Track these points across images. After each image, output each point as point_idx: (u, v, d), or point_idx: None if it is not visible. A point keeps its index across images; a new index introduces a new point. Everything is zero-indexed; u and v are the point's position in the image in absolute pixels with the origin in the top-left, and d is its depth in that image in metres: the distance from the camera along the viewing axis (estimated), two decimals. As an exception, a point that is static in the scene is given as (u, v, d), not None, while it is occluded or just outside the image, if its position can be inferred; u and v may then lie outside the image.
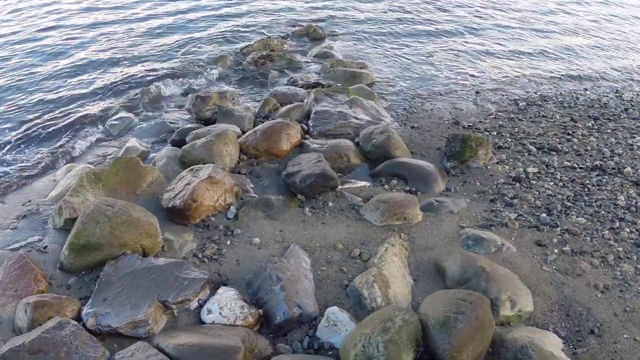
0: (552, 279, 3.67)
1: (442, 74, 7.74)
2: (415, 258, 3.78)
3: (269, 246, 3.81)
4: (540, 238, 4.10)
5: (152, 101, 6.55)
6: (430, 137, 5.70)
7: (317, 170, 4.32)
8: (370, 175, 4.81)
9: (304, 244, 3.83)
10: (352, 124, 5.43)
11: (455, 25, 10.02)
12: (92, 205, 3.77)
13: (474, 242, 3.94)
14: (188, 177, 4.36)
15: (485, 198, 4.62)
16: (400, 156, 4.93)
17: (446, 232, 4.08)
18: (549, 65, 8.55)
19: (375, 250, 3.71)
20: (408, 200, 4.15)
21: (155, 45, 8.37)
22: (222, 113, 5.53)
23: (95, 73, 7.30)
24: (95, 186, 4.41)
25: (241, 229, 4.01)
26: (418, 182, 4.65)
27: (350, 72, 6.98)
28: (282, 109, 5.84)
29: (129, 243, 3.65)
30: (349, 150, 4.93)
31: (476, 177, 4.92)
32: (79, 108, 6.35)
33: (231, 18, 9.84)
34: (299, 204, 4.30)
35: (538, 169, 5.17)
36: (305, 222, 4.08)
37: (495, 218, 4.33)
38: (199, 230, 4.04)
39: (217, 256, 3.75)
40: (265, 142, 4.92)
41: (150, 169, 4.64)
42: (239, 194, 4.45)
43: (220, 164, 4.70)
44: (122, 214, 3.71)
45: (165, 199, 4.24)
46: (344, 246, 3.81)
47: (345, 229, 4.01)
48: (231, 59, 7.72)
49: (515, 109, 6.70)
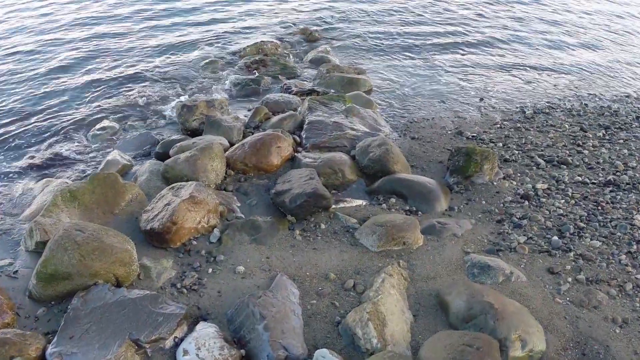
0: (566, 313, 3.33)
1: (444, 80, 7.38)
2: (415, 289, 3.43)
3: (254, 275, 3.47)
4: (553, 265, 3.75)
5: (137, 110, 6.20)
6: (431, 148, 5.35)
7: (308, 189, 3.97)
8: (367, 193, 4.46)
9: (292, 272, 3.49)
10: (348, 136, 5.08)
11: (458, 30, 9.66)
12: (62, 229, 3.47)
13: (480, 271, 3.59)
14: (168, 196, 4.02)
15: (491, 218, 4.27)
16: (399, 171, 4.58)
17: (449, 259, 3.73)
18: (555, 70, 8.19)
19: (371, 281, 3.36)
20: (408, 223, 3.80)
21: (141, 49, 8.01)
22: (210, 123, 5.18)
23: (77, 78, 6.95)
24: (70, 205, 4.10)
25: (225, 254, 3.66)
26: (419, 200, 4.30)
27: (347, 78, 6.63)
28: (274, 118, 5.49)
29: (100, 272, 3.34)
30: (344, 165, 4.58)
31: (481, 195, 4.57)
32: (59, 116, 6.01)
33: (223, 21, 9.47)
34: (289, 225, 3.95)
35: (548, 184, 4.82)
36: (295, 247, 3.73)
37: (503, 242, 3.98)
38: (179, 256, 3.70)
39: (197, 286, 3.41)
40: (254, 156, 4.57)
41: (129, 185, 4.31)
42: (224, 214, 4.11)
43: (204, 180, 4.36)
44: (93, 240, 3.39)
45: (143, 220, 3.90)
46: (336, 276, 3.46)
47: (339, 256, 3.66)
48: (222, 64, 7.37)
49: (522, 118, 6.34)
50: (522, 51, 8.82)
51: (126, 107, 6.22)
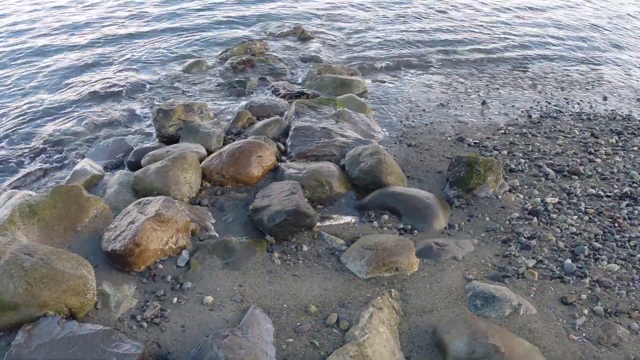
0: (582, 353, 2.88)
1: (443, 81, 6.93)
2: (409, 325, 2.98)
3: (224, 307, 3.02)
4: (566, 294, 3.30)
5: (111, 114, 5.74)
6: (430, 157, 4.89)
7: (289, 206, 3.52)
8: (357, 208, 4.01)
9: (268, 304, 3.04)
10: (338, 143, 4.63)
11: (457, 28, 9.21)
12: (8, 253, 3.04)
13: (484, 302, 3.14)
14: (134, 212, 3.58)
15: (496, 238, 3.82)
16: (393, 183, 4.13)
17: (449, 287, 3.28)
18: (562, 70, 7.73)
19: (357, 316, 2.91)
20: (401, 245, 3.35)
21: (121, 49, 7.56)
22: (187, 129, 4.74)
23: (50, 79, 6.52)
24: (29, 222, 3.69)
25: (193, 281, 3.22)
26: (414, 217, 3.84)
27: (339, 80, 6.17)
28: (257, 124, 5.04)
29: (49, 303, 2.92)
30: (332, 176, 4.13)
31: (485, 210, 4.12)
32: (27, 120, 5.57)
33: (208, 19, 9.00)
34: (267, 247, 3.50)
35: (558, 198, 4.36)
36: (272, 274, 3.28)
37: (510, 266, 3.53)
38: (142, 281, 3.26)
39: (159, 319, 2.97)
40: (232, 167, 4.12)
41: (94, 200, 3.87)
42: (197, 233, 3.66)
43: (176, 194, 3.92)
44: (42, 266, 2.97)
45: (105, 239, 3.47)
46: (317, 309, 3.01)
47: (322, 284, 3.21)
48: (207, 65, 6.92)
49: (528, 122, 5.88)
50: (524, 52, 8.36)
51: (99, 111, 5.77)
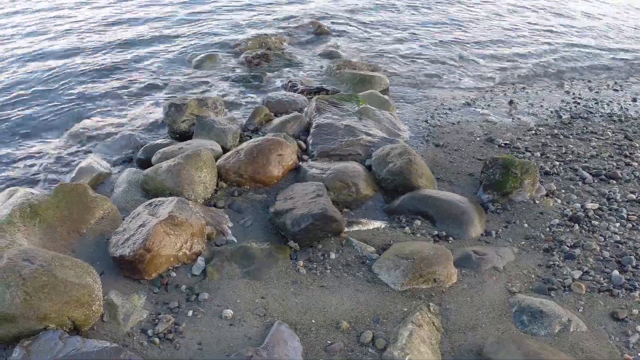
0: (642, 376, 2.58)
1: (467, 78, 6.62)
2: (451, 343, 2.68)
3: (245, 322, 2.72)
4: (616, 308, 2.99)
5: (120, 107, 5.46)
6: (459, 158, 4.58)
7: (315, 209, 3.22)
8: (386, 212, 3.71)
9: (294, 319, 2.74)
10: (363, 142, 4.32)
11: (481, 24, 8.88)
12: (5, 259, 2.75)
13: (531, 318, 2.84)
14: (144, 215, 3.29)
15: (537, 246, 3.51)
16: (424, 186, 3.82)
17: (491, 301, 2.97)
18: (591, 69, 7.40)
19: (395, 334, 2.60)
20: (439, 254, 3.04)
21: (130, 39, 7.28)
22: (200, 125, 4.44)
23: (56, 70, 6.23)
24: (30, 223, 3.40)
25: (209, 292, 2.92)
26: (449, 223, 3.54)
27: (360, 76, 5.87)
28: (276, 120, 4.74)
29: (50, 315, 2.62)
30: (359, 177, 3.83)
31: (522, 216, 3.81)
32: (32, 113, 5.29)
33: (222, 12, 8.72)
34: (291, 254, 3.20)
35: (598, 204, 4.05)
36: (298, 284, 2.98)
37: (554, 277, 3.22)
38: (154, 291, 2.97)
39: (172, 334, 2.68)
40: (251, 166, 3.83)
41: (100, 199, 3.58)
42: (213, 237, 3.37)
43: (190, 194, 3.63)
44: (43, 274, 2.68)
45: (112, 244, 3.18)
46: (350, 325, 2.71)
47: (353, 296, 2.91)
48: (221, 59, 6.63)
49: (558, 123, 5.56)
50: (549, 49, 8.03)
51: (109, 105, 5.49)
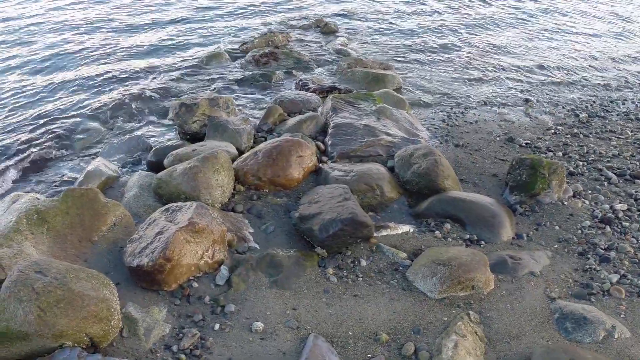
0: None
1: (482, 76, 6.48)
2: (496, 354, 2.53)
3: (278, 335, 2.56)
4: (661, 314, 2.87)
5: (128, 108, 5.26)
6: (481, 158, 4.44)
7: (344, 213, 3.05)
8: (412, 215, 3.55)
9: (329, 331, 2.58)
10: (383, 142, 4.17)
11: (494, 20, 8.76)
12: (16, 271, 2.57)
13: (575, 325, 2.70)
14: (161, 221, 3.11)
15: (571, 250, 3.37)
16: (450, 188, 3.68)
17: (532, 308, 2.83)
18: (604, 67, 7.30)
19: (438, 345, 2.45)
20: (476, 260, 2.89)
21: (136, 39, 7.09)
22: (213, 126, 4.26)
23: (58, 71, 6.03)
24: (37, 230, 3.23)
25: (236, 303, 2.75)
26: (480, 226, 3.39)
27: (372, 74, 5.72)
28: (291, 120, 4.57)
29: (67, 332, 2.44)
30: (383, 179, 3.67)
31: (552, 218, 3.67)
32: (36, 115, 5.09)
33: (228, 11, 8.54)
34: (319, 261, 3.04)
35: (626, 204, 3.93)
36: (330, 294, 2.82)
37: (592, 281, 3.08)
38: (175, 303, 2.80)
39: (199, 350, 2.50)
40: (270, 168, 3.66)
41: (112, 205, 3.40)
42: (234, 244, 3.20)
43: (207, 199, 3.45)
44: (58, 287, 2.50)
45: (128, 253, 3.00)
46: (389, 336, 2.55)
47: (389, 306, 2.75)
48: (227, 57, 6.45)
49: (576, 122, 5.44)
50: (563, 48, 7.92)
51: (115, 107, 5.29)
